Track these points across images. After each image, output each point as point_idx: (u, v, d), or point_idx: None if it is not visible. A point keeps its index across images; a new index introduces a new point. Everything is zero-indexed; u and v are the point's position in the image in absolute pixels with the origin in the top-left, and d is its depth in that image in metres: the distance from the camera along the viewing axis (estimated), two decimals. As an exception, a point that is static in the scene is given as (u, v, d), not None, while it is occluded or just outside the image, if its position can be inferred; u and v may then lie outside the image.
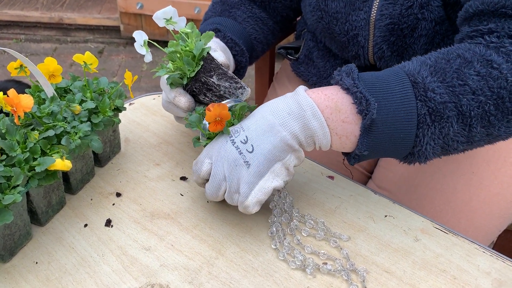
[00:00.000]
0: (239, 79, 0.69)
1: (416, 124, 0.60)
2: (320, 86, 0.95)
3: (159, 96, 0.94)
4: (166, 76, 0.70)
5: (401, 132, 0.60)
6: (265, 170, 0.61)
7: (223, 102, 0.67)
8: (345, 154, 0.66)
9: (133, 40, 2.97)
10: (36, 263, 0.62)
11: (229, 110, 0.64)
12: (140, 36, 0.68)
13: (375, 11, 0.79)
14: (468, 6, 0.67)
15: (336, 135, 0.61)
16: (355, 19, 0.82)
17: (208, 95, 0.68)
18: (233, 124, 0.65)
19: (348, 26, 0.83)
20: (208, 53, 0.67)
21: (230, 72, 0.70)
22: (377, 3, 0.78)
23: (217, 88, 0.67)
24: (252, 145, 0.61)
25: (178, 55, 0.67)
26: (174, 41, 0.68)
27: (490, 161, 0.82)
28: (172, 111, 0.73)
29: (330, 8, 0.85)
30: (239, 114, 0.66)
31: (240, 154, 0.61)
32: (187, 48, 0.66)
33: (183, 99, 0.69)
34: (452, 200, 0.82)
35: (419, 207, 0.82)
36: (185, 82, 0.68)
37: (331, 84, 0.64)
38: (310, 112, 0.60)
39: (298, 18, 1.09)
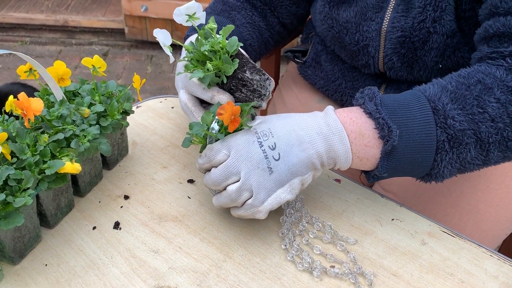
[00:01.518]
0: (263, 70, 0.68)
1: (435, 150, 0.61)
2: (327, 89, 0.96)
3: (165, 99, 0.94)
4: (183, 76, 0.69)
5: (419, 157, 0.62)
6: (285, 181, 0.61)
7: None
8: (364, 171, 0.67)
9: (137, 42, 2.98)
10: (46, 265, 0.62)
11: None
12: (162, 37, 0.65)
13: (386, 23, 0.79)
14: (488, 26, 0.67)
15: (358, 158, 0.63)
16: (366, 29, 0.82)
17: (243, 90, 0.67)
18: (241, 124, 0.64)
19: (359, 37, 0.84)
20: (236, 50, 0.66)
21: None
22: (389, 15, 0.79)
23: (251, 82, 0.66)
24: (279, 153, 0.61)
25: (217, 53, 0.65)
26: (201, 39, 0.66)
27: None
28: (189, 115, 0.72)
29: (341, 18, 0.85)
30: (247, 114, 0.65)
31: (266, 158, 0.61)
32: (220, 45, 0.65)
33: (224, 97, 0.67)
34: (459, 203, 0.82)
35: (425, 210, 0.82)
36: (224, 80, 0.66)
37: (345, 94, 0.64)
38: (338, 137, 0.61)
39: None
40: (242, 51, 0.70)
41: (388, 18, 0.79)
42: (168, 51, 0.67)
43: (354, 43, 0.85)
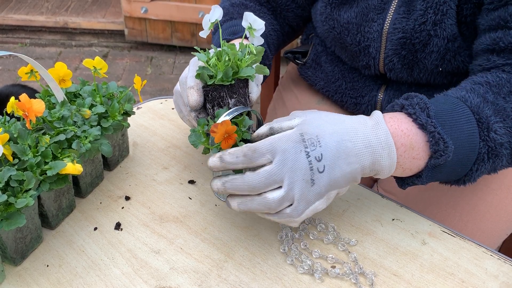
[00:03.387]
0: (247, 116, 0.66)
1: (474, 161, 0.62)
2: (327, 90, 0.96)
3: (166, 100, 0.95)
4: (200, 63, 0.67)
5: (460, 167, 0.63)
6: (324, 194, 0.59)
7: (223, 116, 0.63)
8: (397, 178, 0.66)
9: (137, 44, 2.99)
10: (47, 266, 0.63)
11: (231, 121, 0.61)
12: (213, 12, 0.65)
13: (388, 24, 0.80)
14: (498, 39, 0.68)
15: (401, 168, 0.61)
16: (368, 30, 0.82)
17: (215, 109, 0.65)
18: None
19: (360, 37, 0.84)
20: (246, 79, 0.66)
21: (249, 108, 0.67)
22: (390, 16, 0.79)
23: (227, 109, 0.65)
24: (324, 166, 0.57)
25: (228, 58, 0.64)
26: (235, 46, 0.65)
27: (497, 165, 0.83)
28: (178, 92, 0.70)
29: (343, 18, 0.85)
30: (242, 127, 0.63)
31: (311, 170, 0.57)
32: (240, 62, 0.64)
33: (195, 97, 0.64)
34: (459, 203, 0.82)
35: (426, 210, 0.82)
36: (209, 82, 0.64)
37: (345, 95, 0.62)
38: (386, 151, 0.59)
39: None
40: (253, 94, 0.69)
41: (390, 19, 0.79)
42: (207, 26, 0.66)
43: (355, 44, 0.85)
